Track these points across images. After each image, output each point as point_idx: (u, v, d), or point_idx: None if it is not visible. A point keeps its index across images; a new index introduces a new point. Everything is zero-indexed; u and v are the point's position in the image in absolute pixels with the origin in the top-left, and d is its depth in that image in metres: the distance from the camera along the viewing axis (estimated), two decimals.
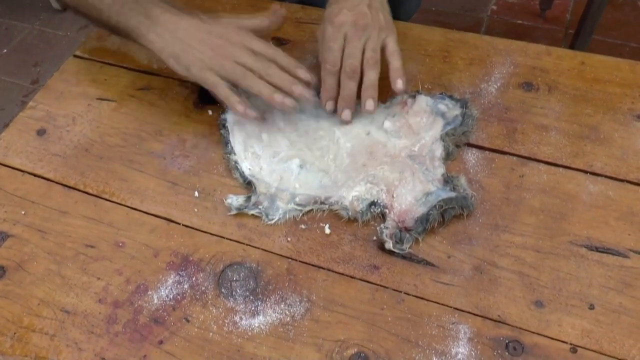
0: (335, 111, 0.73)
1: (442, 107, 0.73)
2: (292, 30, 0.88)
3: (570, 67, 0.80)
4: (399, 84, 0.71)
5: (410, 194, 0.65)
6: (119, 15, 0.73)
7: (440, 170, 0.67)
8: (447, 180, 0.66)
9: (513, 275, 0.61)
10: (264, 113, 0.74)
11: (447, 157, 0.70)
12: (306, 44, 0.86)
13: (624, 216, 0.64)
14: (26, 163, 0.75)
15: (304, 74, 0.70)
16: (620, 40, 1.90)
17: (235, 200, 0.67)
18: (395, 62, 0.72)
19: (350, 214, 0.65)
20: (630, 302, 0.58)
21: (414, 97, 0.75)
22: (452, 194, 0.64)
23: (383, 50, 0.72)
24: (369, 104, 0.70)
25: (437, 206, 0.63)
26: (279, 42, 0.85)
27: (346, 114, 0.72)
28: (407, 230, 0.63)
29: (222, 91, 0.69)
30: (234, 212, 0.67)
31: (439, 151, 0.69)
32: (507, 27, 1.99)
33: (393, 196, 0.65)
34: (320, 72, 0.72)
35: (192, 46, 0.69)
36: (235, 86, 0.70)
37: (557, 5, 2.00)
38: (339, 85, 0.72)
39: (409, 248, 0.62)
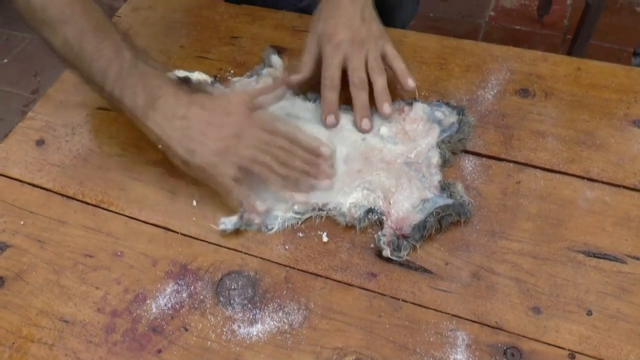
0: (335, 125, 0.74)
1: (438, 114, 0.74)
2: (289, 39, 0.88)
3: (567, 73, 0.80)
4: (410, 82, 0.73)
5: (407, 201, 0.66)
6: (119, 89, 0.66)
7: (436, 177, 0.68)
8: (444, 188, 0.67)
9: (510, 281, 0.61)
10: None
11: (444, 164, 0.70)
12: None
13: (620, 222, 0.64)
14: (25, 173, 0.75)
15: (324, 165, 0.69)
16: (617, 45, 1.90)
17: (228, 222, 0.66)
18: (399, 65, 0.74)
19: (347, 220, 0.65)
20: (628, 307, 0.58)
21: (410, 104, 0.75)
22: (449, 201, 0.65)
23: (384, 57, 0.74)
24: (386, 107, 0.73)
25: (434, 213, 0.64)
26: (276, 50, 0.86)
27: (365, 123, 0.73)
28: (405, 237, 0.63)
29: (245, 201, 0.66)
30: (229, 232, 0.67)
31: (435, 158, 0.70)
32: (505, 33, 1.99)
33: (390, 202, 0.66)
34: (320, 88, 0.74)
35: (198, 138, 0.66)
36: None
37: (554, 11, 2.01)
38: (337, 100, 0.73)
39: (406, 255, 0.62)
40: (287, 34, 0.89)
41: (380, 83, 0.73)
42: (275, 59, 0.82)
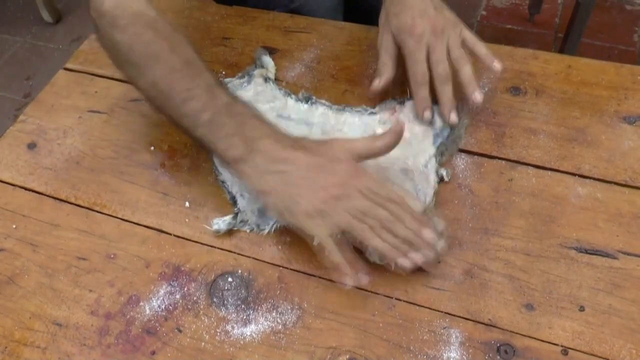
0: (431, 119, 0.73)
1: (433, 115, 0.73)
2: (281, 39, 0.88)
3: (557, 71, 0.80)
4: (496, 64, 0.72)
5: None
6: (212, 133, 0.61)
7: (429, 198, 0.67)
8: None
9: (503, 278, 0.61)
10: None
11: (440, 180, 0.69)
12: (294, 52, 0.86)
13: (612, 218, 0.65)
14: (17, 177, 0.75)
15: (429, 234, 0.59)
16: (608, 43, 1.91)
17: (222, 223, 0.66)
18: (481, 50, 0.73)
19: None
20: (620, 303, 0.58)
21: (402, 103, 0.75)
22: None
23: (463, 43, 0.72)
24: (477, 95, 0.71)
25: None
26: (268, 51, 0.86)
27: (453, 117, 0.71)
28: None
29: (334, 257, 0.58)
30: (223, 232, 0.67)
31: (432, 177, 0.68)
32: (497, 32, 2.00)
33: None
34: (410, 84, 0.73)
35: (295, 187, 0.59)
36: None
37: (546, 10, 2.02)
38: (430, 95, 0.72)
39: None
40: (278, 34, 0.89)
41: (466, 73, 0.71)
42: (267, 59, 0.83)
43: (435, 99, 0.73)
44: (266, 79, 0.80)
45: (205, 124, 0.60)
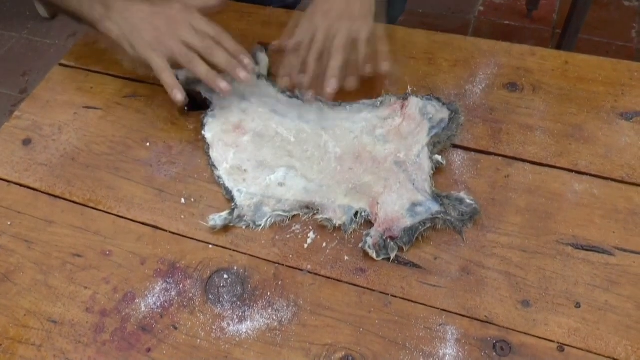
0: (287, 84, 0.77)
1: (430, 108, 0.73)
2: (277, 35, 0.87)
3: (554, 67, 0.80)
4: (385, 65, 0.75)
5: (396, 203, 0.65)
6: (80, 3, 0.76)
7: (427, 184, 0.67)
8: (437, 196, 0.66)
9: (500, 275, 0.61)
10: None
11: (434, 168, 0.69)
12: None
13: (608, 214, 0.65)
14: (12, 173, 0.75)
15: (246, 61, 0.74)
16: (606, 39, 1.91)
17: (218, 219, 0.66)
18: (382, 47, 0.75)
19: (335, 223, 0.65)
20: (616, 299, 0.58)
21: (406, 99, 0.75)
22: (443, 209, 0.64)
23: (372, 39, 0.74)
24: (332, 82, 0.72)
25: (427, 221, 0.63)
26: (264, 46, 0.85)
27: (308, 96, 0.75)
28: (392, 238, 0.63)
29: (166, 78, 0.73)
30: (219, 228, 0.66)
31: (426, 164, 0.69)
32: (495, 28, 2.00)
33: (378, 203, 0.65)
34: (287, 54, 0.77)
35: (140, 28, 0.73)
36: (178, 66, 0.73)
37: (543, 6, 2.01)
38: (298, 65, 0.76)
39: (393, 256, 0.62)
40: (275, 30, 0.88)
41: (335, 59, 0.73)
42: (262, 56, 0.82)
43: (430, 96, 0.74)
44: (258, 76, 0.80)
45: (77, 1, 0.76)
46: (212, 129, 0.75)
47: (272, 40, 0.86)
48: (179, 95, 0.72)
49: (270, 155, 0.71)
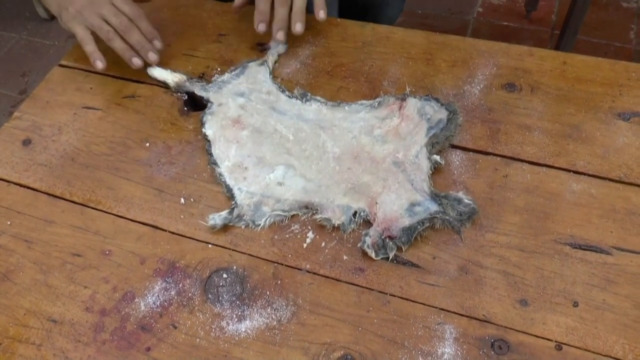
0: (265, 33, 0.83)
1: (428, 109, 0.74)
2: None
3: (553, 68, 0.80)
4: (322, 14, 0.82)
5: (395, 203, 0.66)
6: None
7: (426, 183, 0.67)
8: (436, 196, 0.66)
9: (498, 274, 0.61)
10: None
11: (433, 168, 0.69)
12: (290, 49, 0.86)
13: (606, 214, 0.65)
14: (12, 173, 0.75)
15: (158, 44, 0.83)
16: (604, 40, 1.91)
17: (218, 218, 0.66)
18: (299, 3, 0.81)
19: (334, 223, 0.65)
20: (613, 298, 0.59)
21: (404, 99, 0.75)
22: (441, 209, 0.64)
23: None
24: (298, 26, 0.81)
25: (425, 221, 0.64)
26: (263, 47, 0.86)
27: (280, 34, 0.82)
28: (391, 238, 0.63)
29: (87, 48, 0.80)
30: (219, 228, 0.67)
31: (424, 163, 0.69)
32: (493, 29, 2.00)
33: (376, 203, 0.66)
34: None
35: (68, 2, 0.80)
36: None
37: (542, 7, 2.02)
38: (271, 12, 0.82)
39: (392, 255, 0.62)
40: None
41: (298, 4, 0.80)
42: (274, 51, 0.85)
43: (428, 97, 0.74)
44: (263, 62, 0.82)
45: None
46: (212, 126, 0.75)
47: (271, 41, 0.86)
48: (98, 63, 0.80)
49: (269, 151, 0.72)
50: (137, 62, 0.80)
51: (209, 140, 0.74)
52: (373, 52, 0.85)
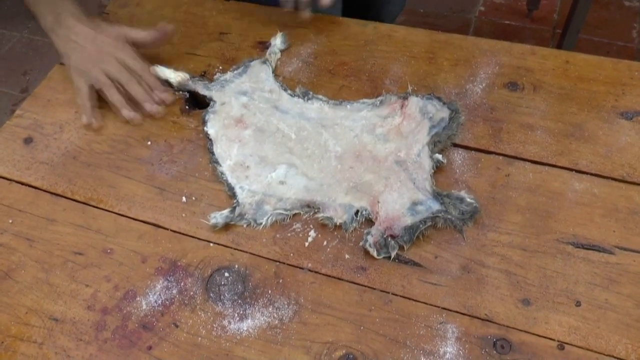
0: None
1: (430, 107, 0.73)
2: None
3: (555, 67, 0.80)
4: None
5: (397, 201, 0.65)
6: (35, 6, 0.82)
7: (428, 182, 0.67)
8: (438, 194, 0.66)
9: (500, 274, 0.61)
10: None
11: (435, 167, 0.69)
12: (292, 47, 0.86)
13: (609, 213, 0.65)
14: (13, 172, 0.75)
15: (160, 95, 0.80)
16: (607, 39, 1.91)
17: (219, 216, 0.66)
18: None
19: (336, 222, 0.65)
20: (616, 298, 0.58)
21: (406, 98, 0.75)
22: (443, 208, 0.64)
23: None
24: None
25: (428, 220, 0.63)
26: (264, 45, 0.86)
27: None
28: (393, 237, 0.63)
29: (79, 100, 0.79)
30: (220, 226, 0.67)
31: (426, 162, 0.69)
32: (495, 27, 2.00)
33: (378, 202, 0.66)
34: None
35: (74, 50, 0.78)
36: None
37: (544, 6, 2.01)
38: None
39: (394, 254, 0.62)
40: (275, 29, 0.88)
41: None
42: (276, 44, 0.85)
43: (430, 95, 0.74)
44: (265, 61, 0.82)
45: (34, 3, 0.81)
46: (214, 125, 0.75)
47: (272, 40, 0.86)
48: (83, 118, 0.78)
49: (271, 151, 0.72)
50: (128, 114, 0.78)
51: (210, 139, 0.74)
52: (375, 51, 0.84)
